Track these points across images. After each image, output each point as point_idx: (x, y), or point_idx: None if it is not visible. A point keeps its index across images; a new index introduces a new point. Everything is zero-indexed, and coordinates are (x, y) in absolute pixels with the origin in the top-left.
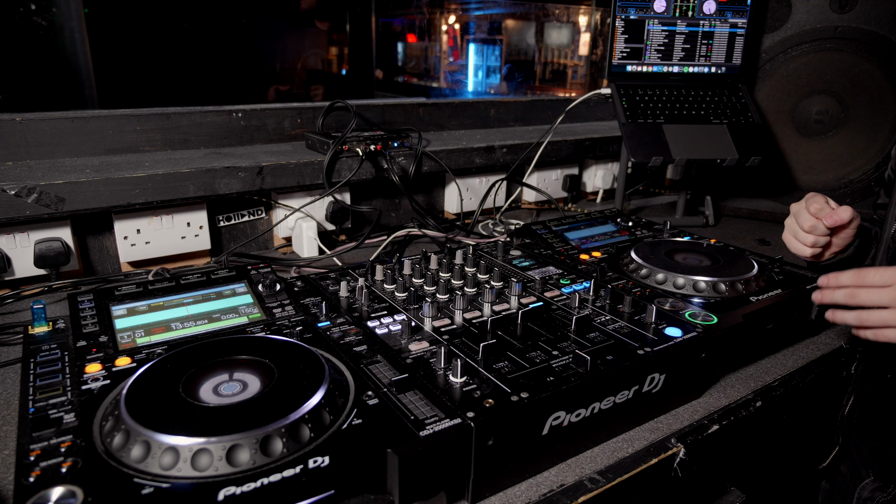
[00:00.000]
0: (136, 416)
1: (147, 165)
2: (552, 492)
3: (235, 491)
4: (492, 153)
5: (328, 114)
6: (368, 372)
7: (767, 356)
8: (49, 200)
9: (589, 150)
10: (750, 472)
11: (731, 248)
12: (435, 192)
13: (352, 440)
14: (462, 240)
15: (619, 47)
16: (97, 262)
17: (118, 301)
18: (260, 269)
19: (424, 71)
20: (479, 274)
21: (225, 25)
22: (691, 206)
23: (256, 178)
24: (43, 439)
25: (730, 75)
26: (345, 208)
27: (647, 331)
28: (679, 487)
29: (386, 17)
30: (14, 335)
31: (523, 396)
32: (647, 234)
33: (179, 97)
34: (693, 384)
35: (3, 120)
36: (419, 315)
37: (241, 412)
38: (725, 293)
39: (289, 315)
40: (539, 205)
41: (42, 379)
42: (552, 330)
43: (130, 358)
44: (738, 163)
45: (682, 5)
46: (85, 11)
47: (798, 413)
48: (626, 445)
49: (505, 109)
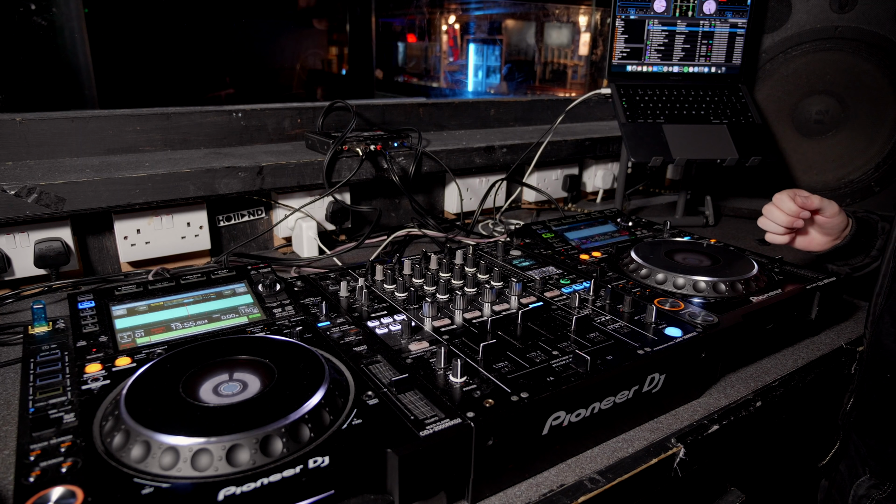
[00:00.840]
0: (136, 416)
1: (147, 165)
2: (552, 492)
3: (235, 491)
4: (492, 153)
5: (328, 114)
6: (368, 372)
7: (767, 356)
8: (49, 200)
9: (589, 150)
10: (750, 472)
11: (731, 248)
12: (435, 192)
13: (352, 440)
14: (462, 240)
15: (619, 47)
16: (97, 262)
17: (118, 301)
18: (260, 269)
19: (424, 71)
20: (479, 274)
21: (225, 25)
22: (691, 206)
23: (256, 178)
24: (43, 439)
25: (730, 75)
26: (345, 208)
27: (647, 331)
28: (679, 487)
29: (386, 17)
30: (14, 335)
31: (523, 396)
32: (647, 234)
33: (179, 97)
34: (693, 384)
35: (3, 120)
36: (419, 315)
37: (241, 412)
38: (725, 293)
39: (289, 315)
40: (539, 205)
41: (42, 379)
42: (552, 330)
43: (130, 358)
44: (738, 163)
45: (682, 5)
46: (85, 11)
47: (798, 413)
48: (626, 445)
49: (505, 109)
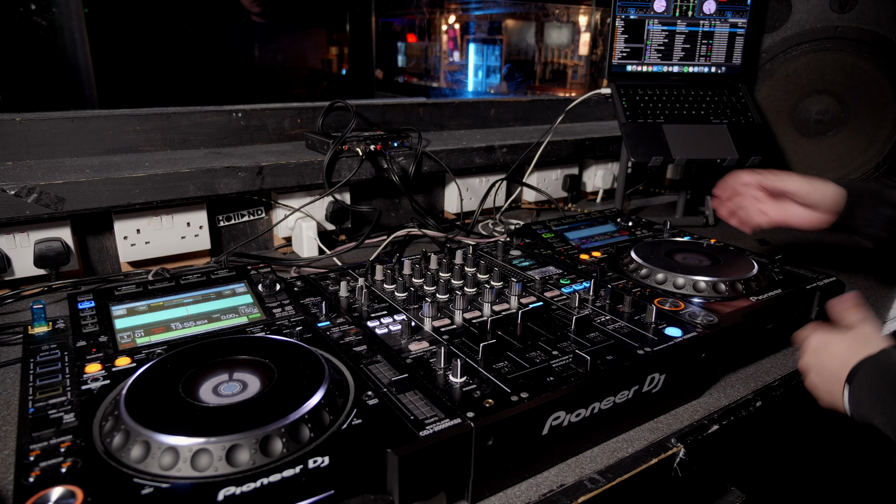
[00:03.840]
0: (136, 417)
1: (147, 165)
2: (552, 492)
3: (235, 491)
4: (492, 153)
5: (328, 114)
6: (368, 372)
7: (767, 356)
8: (49, 200)
9: (589, 150)
10: (750, 472)
11: (731, 248)
12: (435, 192)
13: (352, 440)
14: (462, 240)
15: (619, 47)
16: (97, 262)
17: (118, 301)
18: (260, 269)
19: (424, 71)
20: (479, 274)
21: (225, 25)
22: (691, 206)
23: (256, 178)
24: (43, 439)
25: (730, 75)
26: (345, 208)
27: (647, 331)
28: (679, 487)
29: (386, 17)
30: (14, 335)
31: (523, 396)
32: (647, 234)
33: (179, 97)
34: (693, 384)
35: (3, 120)
36: (419, 315)
37: (240, 412)
38: (725, 293)
39: (289, 315)
40: (539, 205)
41: (42, 379)
42: (552, 330)
43: (130, 358)
44: (738, 163)
45: (682, 5)
46: (85, 11)
47: (798, 413)
48: (626, 445)
49: (505, 109)
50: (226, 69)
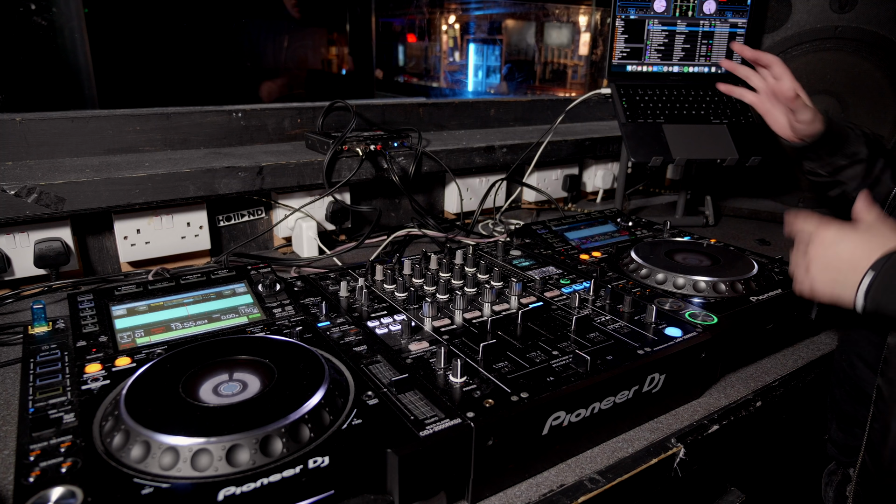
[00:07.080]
0: (136, 417)
1: (147, 165)
2: (552, 492)
3: (235, 491)
4: (492, 153)
5: (328, 114)
6: (368, 372)
7: (767, 356)
8: (49, 200)
9: (589, 150)
10: (750, 472)
11: (731, 248)
12: (435, 192)
13: (352, 440)
14: (462, 240)
15: (619, 47)
16: (97, 262)
17: (118, 301)
18: (260, 269)
19: (424, 71)
20: (479, 274)
21: (225, 25)
22: (691, 206)
23: (256, 178)
24: (43, 439)
25: (730, 75)
26: (345, 208)
27: (647, 331)
28: (679, 487)
29: (386, 17)
30: (14, 335)
31: (523, 396)
32: (647, 234)
33: (179, 97)
34: (693, 384)
35: (3, 120)
36: (419, 315)
37: (240, 412)
38: (725, 293)
39: (289, 315)
40: (539, 205)
41: (42, 379)
42: (552, 330)
43: (130, 358)
44: (738, 163)
45: (682, 5)
46: (85, 11)
47: (798, 413)
48: (626, 445)
49: (505, 109)
50: (226, 69)
